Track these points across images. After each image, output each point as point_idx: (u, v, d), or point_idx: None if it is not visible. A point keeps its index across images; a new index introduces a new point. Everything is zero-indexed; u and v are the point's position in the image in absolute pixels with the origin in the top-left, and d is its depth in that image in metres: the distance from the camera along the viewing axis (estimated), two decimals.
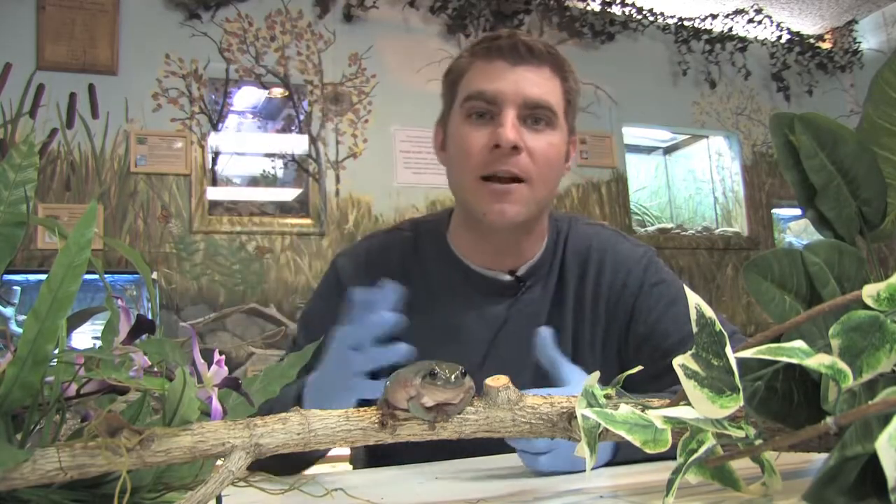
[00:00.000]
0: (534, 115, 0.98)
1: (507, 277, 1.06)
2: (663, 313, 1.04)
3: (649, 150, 4.54)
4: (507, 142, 0.95)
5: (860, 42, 4.60)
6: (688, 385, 0.49)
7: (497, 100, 0.97)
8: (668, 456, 0.49)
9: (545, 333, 0.83)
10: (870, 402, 0.42)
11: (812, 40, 4.59)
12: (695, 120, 4.25)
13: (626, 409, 0.51)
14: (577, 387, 0.75)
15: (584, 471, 0.50)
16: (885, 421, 0.37)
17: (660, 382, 0.82)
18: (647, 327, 1.04)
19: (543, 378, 1.00)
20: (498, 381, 0.56)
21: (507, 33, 1.01)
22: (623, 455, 0.79)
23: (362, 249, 1.11)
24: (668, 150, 4.60)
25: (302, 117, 3.40)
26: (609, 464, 0.80)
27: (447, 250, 1.08)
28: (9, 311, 2.48)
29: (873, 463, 0.39)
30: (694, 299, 0.51)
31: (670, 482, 0.48)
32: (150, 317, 0.54)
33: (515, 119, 0.97)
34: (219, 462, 0.49)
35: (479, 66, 1.01)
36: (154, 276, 2.92)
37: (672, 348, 0.97)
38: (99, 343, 0.55)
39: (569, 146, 1.06)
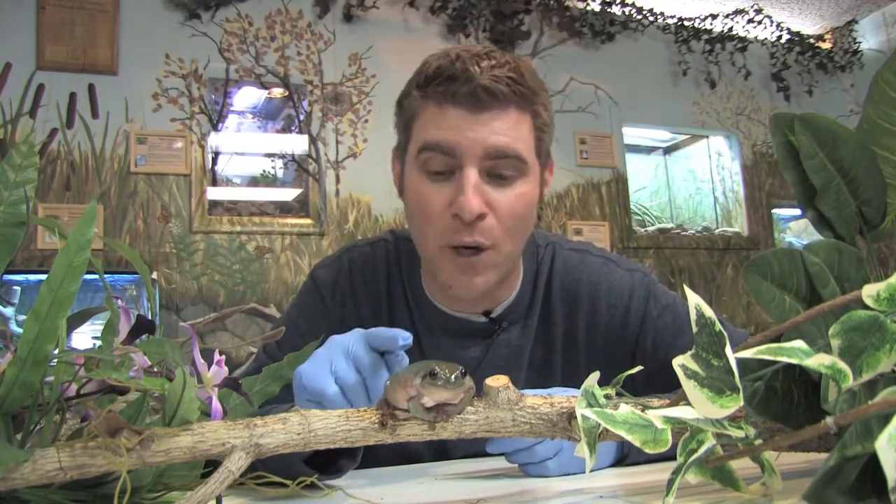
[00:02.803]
0: (498, 168, 0.86)
1: (482, 319, 0.98)
2: (672, 345, 0.97)
3: (649, 150, 4.54)
4: (470, 214, 0.84)
5: (860, 42, 4.60)
6: (688, 385, 0.49)
7: (455, 153, 0.85)
8: (673, 456, 0.49)
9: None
10: (870, 402, 0.42)
11: (812, 40, 4.59)
12: (695, 120, 4.26)
13: (625, 409, 0.51)
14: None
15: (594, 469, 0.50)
16: (885, 421, 0.37)
17: None
18: (656, 362, 0.94)
19: None
20: (498, 381, 0.56)
21: (463, 71, 0.84)
22: (633, 458, 0.79)
23: (345, 263, 1.02)
24: (668, 150, 4.60)
25: (302, 117, 3.40)
26: (617, 465, 0.80)
27: (419, 287, 1.00)
28: (9, 311, 2.48)
29: (873, 463, 0.39)
30: (694, 299, 0.51)
31: (670, 482, 0.48)
32: (150, 317, 0.54)
33: (478, 179, 0.85)
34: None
35: (432, 111, 0.87)
36: (154, 276, 2.93)
37: None
38: (99, 343, 0.55)
39: (543, 178, 0.95)
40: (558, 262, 1.01)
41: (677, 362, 0.50)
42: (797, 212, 4.16)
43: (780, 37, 4.49)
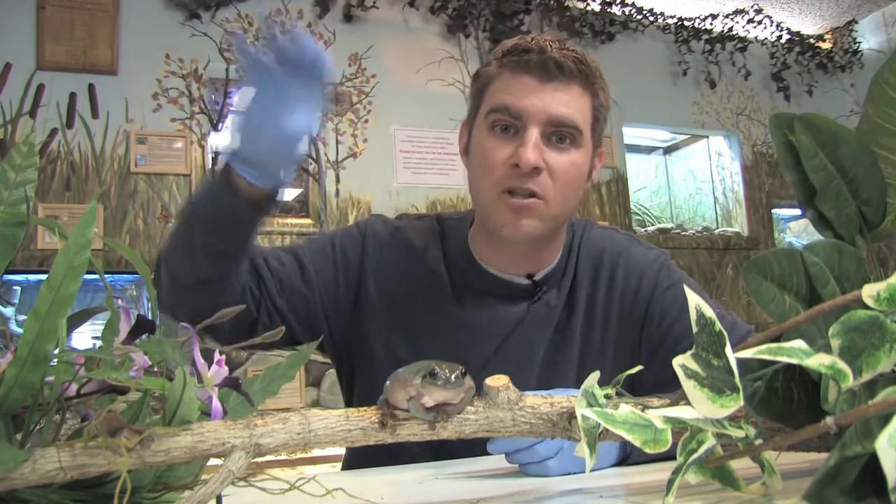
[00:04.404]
0: (558, 133, 0.96)
1: (525, 282, 1.05)
2: (677, 317, 1.03)
3: (649, 150, 4.54)
4: (527, 164, 0.93)
5: (860, 42, 4.60)
6: (688, 385, 0.49)
7: (522, 116, 0.95)
8: (673, 456, 0.49)
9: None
10: (870, 402, 0.42)
11: (812, 40, 4.59)
12: (695, 120, 4.25)
13: (625, 409, 0.51)
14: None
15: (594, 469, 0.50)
16: (885, 421, 0.37)
17: (671, 387, 0.81)
18: (660, 332, 1.03)
19: (547, 379, 1.01)
20: (498, 381, 0.56)
21: (538, 46, 0.96)
22: (635, 458, 0.79)
23: (393, 226, 1.11)
24: (668, 150, 4.60)
25: None
26: (620, 464, 0.80)
27: (467, 251, 1.07)
28: (9, 311, 2.48)
29: (873, 463, 0.39)
30: (694, 300, 0.51)
31: (670, 482, 0.48)
32: (150, 317, 0.54)
33: (538, 138, 0.95)
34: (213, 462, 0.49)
35: (506, 78, 0.98)
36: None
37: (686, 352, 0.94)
38: (99, 343, 0.55)
39: (593, 160, 1.04)
40: (587, 236, 1.11)
41: (677, 362, 0.50)
42: (797, 212, 4.16)
43: (780, 37, 4.49)
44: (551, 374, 1.03)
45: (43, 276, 0.80)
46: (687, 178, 4.51)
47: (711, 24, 4.28)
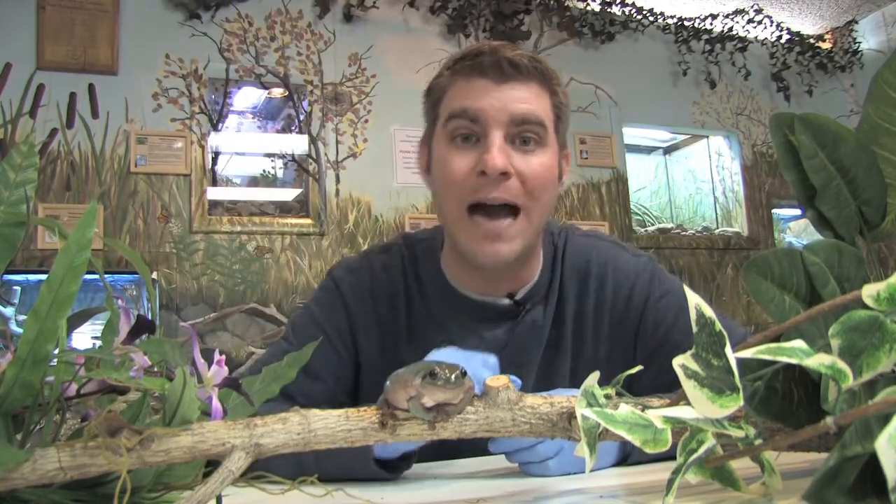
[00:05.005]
0: (522, 133, 0.91)
1: (506, 302, 1.01)
2: (672, 325, 1.00)
3: (649, 150, 4.54)
4: (494, 169, 0.87)
5: (860, 42, 4.60)
6: (688, 385, 0.49)
7: (481, 118, 0.90)
8: (673, 456, 0.49)
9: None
10: (870, 402, 0.42)
11: (812, 40, 4.59)
12: (695, 120, 4.25)
13: (625, 409, 0.51)
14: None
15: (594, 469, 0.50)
16: (885, 421, 0.37)
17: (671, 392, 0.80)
18: (656, 341, 1.00)
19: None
20: (498, 381, 0.56)
21: (490, 48, 0.92)
22: (636, 458, 0.79)
23: (365, 269, 1.05)
24: (668, 150, 4.60)
25: (302, 117, 3.40)
26: (620, 464, 0.80)
27: (441, 277, 1.03)
28: (9, 311, 2.48)
29: (873, 463, 0.39)
30: (694, 299, 0.51)
31: (670, 482, 0.48)
32: (150, 317, 0.54)
33: (503, 141, 0.89)
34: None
35: (460, 84, 0.93)
36: (154, 276, 2.92)
37: None
38: (99, 343, 0.55)
39: (561, 162, 0.99)
40: (570, 245, 1.06)
41: (677, 362, 0.50)
42: (797, 212, 4.16)
43: (780, 37, 4.49)
44: (544, 390, 1.00)
45: (43, 276, 0.80)
46: (687, 178, 4.51)
47: (711, 24, 4.28)
